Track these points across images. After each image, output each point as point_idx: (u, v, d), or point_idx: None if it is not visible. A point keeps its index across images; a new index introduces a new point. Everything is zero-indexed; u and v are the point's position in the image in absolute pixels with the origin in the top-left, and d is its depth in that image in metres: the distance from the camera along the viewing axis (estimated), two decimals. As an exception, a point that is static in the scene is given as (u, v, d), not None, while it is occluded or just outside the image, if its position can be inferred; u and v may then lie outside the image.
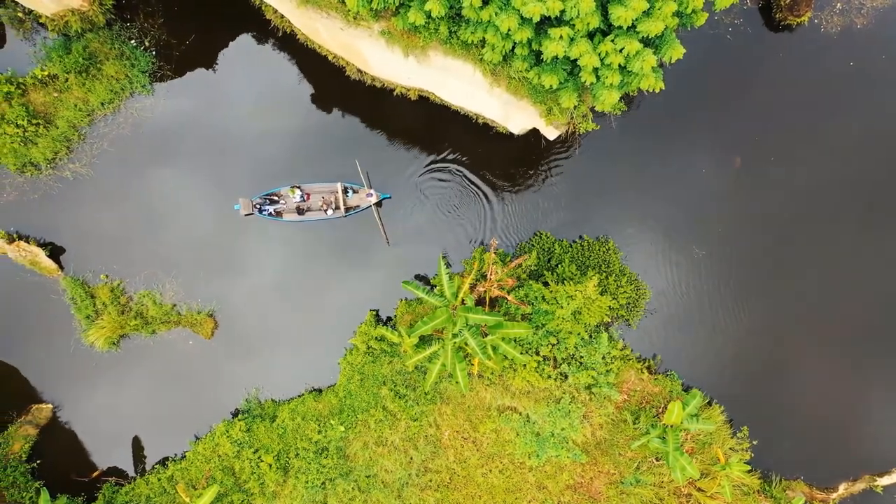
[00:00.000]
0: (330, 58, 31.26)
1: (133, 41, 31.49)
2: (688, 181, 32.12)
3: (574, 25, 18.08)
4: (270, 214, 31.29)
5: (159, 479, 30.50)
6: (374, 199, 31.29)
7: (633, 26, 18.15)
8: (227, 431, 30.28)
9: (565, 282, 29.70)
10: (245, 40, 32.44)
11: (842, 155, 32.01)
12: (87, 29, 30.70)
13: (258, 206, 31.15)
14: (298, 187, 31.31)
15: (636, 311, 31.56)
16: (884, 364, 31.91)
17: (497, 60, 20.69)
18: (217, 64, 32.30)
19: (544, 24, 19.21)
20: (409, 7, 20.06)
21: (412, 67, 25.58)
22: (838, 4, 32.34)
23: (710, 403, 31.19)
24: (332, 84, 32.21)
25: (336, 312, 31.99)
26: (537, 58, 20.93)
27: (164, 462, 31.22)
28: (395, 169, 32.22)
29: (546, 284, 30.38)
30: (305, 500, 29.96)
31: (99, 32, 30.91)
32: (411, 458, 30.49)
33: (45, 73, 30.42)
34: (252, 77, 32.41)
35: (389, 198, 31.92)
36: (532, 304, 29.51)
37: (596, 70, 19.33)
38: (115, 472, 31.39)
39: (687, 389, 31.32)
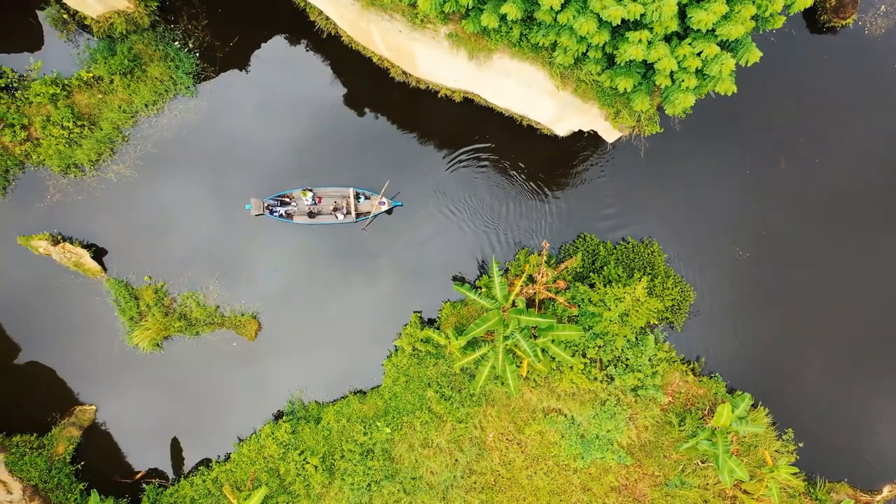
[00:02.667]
0: (374, 60, 31.16)
1: (177, 43, 31.40)
2: (731, 183, 32.04)
3: (653, 29, 18.08)
4: (281, 216, 31.12)
5: (204, 481, 30.49)
6: (385, 207, 31.22)
7: (712, 30, 18.18)
8: (273, 433, 30.24)
9: (611, 284, 29.65)
10: (288, 42, 32.30)
11: (886, 157, 31.97)
12: (131, 30, 30.58)
13: (269, 208, 31.03)
14: (310, 190, 31.11)
15: (680, 314, 31.52)
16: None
17: (569, 63, 20.64)
18: (259, 66, 32.18)
19: (620, 27, 19.20)
20: (482, 10, 20.04)
21: (465, 69, 25.45)
22: (882, 7, 32.29)
23: (754, 406, 31.16)
24: (372, 86, 32.06)
25: (377, 314, 31.94)
26: (609, 60, 20.91)
27: (207, 464, 31.19)
28: (430, 167, 32.13)
29: (592, 286, 30.33)
30: (351, 501, 29.93)
31: (143, 34, 30.81)
32: (456, 460, 30.46)
33: (91, 74, 30.38)
34: (292, 79, 32.29)
35: (401, 205, 31.85)
36: (579, 306, 29.47)
37: (671, 73, 19.33)
38: (157, 473, 31.44)
39: (731, 391, 31.31)
